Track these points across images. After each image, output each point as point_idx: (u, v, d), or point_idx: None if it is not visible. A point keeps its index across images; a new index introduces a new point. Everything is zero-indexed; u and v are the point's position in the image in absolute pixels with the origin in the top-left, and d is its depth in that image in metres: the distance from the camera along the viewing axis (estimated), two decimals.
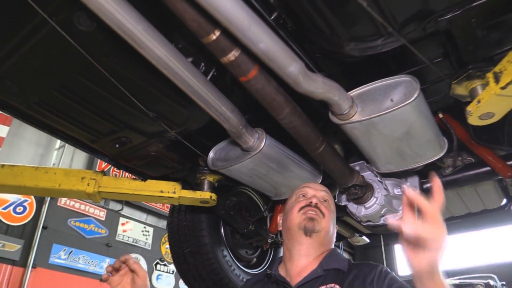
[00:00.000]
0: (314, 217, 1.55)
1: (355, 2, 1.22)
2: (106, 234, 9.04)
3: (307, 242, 1.51)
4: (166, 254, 10.22)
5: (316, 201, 1.61)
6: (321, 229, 1.53)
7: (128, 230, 9.61)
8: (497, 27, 1.35)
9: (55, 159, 8.84)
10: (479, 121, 1.48)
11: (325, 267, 1.42)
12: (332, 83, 1.52)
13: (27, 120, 1.83)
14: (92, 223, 8.89)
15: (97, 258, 8.72)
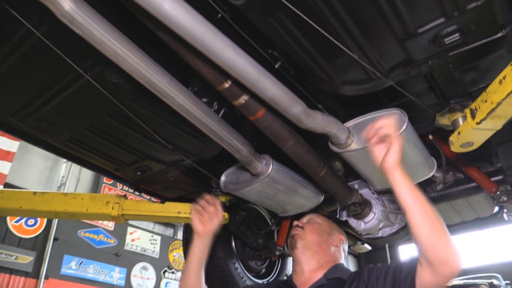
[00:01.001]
0: (295, 234, 1.88)
1: (347, 54, 1.43)
2: (115, 244, 9.25)
3: (297, 254, 1.80)
4: (174, 262, 10.42)
5: (297, 223, 1.93)
6: (304, 240, 1.82)
7: (136, 239, 9.82)
8: (471, 70, 1.57)
9: (64, 171, 9.05)
10: (460, 148, 1.69)
11: (328, 277, 1.65)
12: (330, 118, 1.73)
13: (59, 153, 2.05)
14: (102, 233, 9.09)
15: (107, 267, 8.93)
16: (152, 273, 9.77)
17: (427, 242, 1.28)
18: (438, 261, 1.27)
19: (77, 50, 1.49)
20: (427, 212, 1.31)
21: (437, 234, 1.28)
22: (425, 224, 1.29)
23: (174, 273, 10.27)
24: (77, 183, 9.20)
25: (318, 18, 1.29)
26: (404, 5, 1.25)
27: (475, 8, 1.27)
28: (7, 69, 1.56)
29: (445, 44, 1.38)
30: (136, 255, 9.60)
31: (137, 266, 9.49)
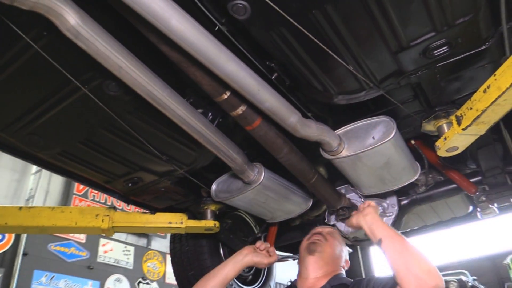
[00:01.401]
0: (316, 241, 1.94)
1: (343, 66, 1.49)
2: (87, 257, 9.03)
3: (311, 260, 1.86)
4: (148, 273, 10.26)
5: (321, 230, 2.00)
6: (322, 251, 1.89)
7: (109, 250, 9.62)
8: (455, 79, 1.67)
9: (32, 183, 8.78)
10: (446, 153, 1.78)
11: (332, 284, 1.72)
12: (323, 127, 1.79)
13: (47, 167, 2.01)
14: (73, 246, 8.86)
15: (79, 281, 8.70)
16: (126, 284, 9.59)
17: (400, 262, 1.44)
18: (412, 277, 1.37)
19: (75, 64, 1.49)
20: (397, 237, 1.54)
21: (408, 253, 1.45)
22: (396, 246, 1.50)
23: (149, 283, 10.11)
24: (46, 195, 8.93)
25: (318, 33, 1.34)
26: (399, 20, 1.32)
27: (462, 23, 1.36)
28: (1, 82, 1.53)
29: (434, 56, 1.47)
30: (109, 267, 9.40)
31: (111, 278, 9.29)
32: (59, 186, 9.25)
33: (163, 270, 10.77)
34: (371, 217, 1.67)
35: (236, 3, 1.26)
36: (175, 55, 1.39)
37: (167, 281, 10.76)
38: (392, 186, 2.18)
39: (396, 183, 2.15)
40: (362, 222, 1.68)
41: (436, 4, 1.28)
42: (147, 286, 10.06)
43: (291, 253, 3.23)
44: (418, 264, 1.39)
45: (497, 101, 1.42)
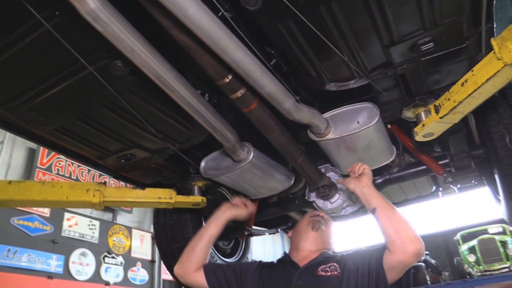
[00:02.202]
0: (321, 220, 2.09)
1: (338, 55, 1.62)
2: (51, 231, 8.87)
3: (313, 235, 2.00)
4: (114, 247, 10.24)
5: (323, 214, 2.16)
6: (324, 230, 2.04)
7: (74, 225, 9.48)
8: (436, 72, 1.84)
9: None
10: (423, 138, 1.97)
11: (324, 256, 1.87)
12: (314, 111, 1.92)
13: (41, 142, 2.03)
14: (36, 220, 8.67)
15: (43, 255, 8.55)
16: (92, 259, 9.53)
17: (390, 227, 1.63)
18: (399, 241, 1.59)
19: (83, 44, 1.52)
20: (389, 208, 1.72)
21: (398, 221, 1.65)
22: (388, 215, 1.68)
23: (115, 257, 10.10)
24: (7, 168, 8.65)
25: (321, 26, 1.45)
26: (394, 18, 1.45)
27: (448, 23, 1.51)
28: (5, 59, 1.54)
29: (421, 51, 1.62)
30: (74, 241, 9.29)
31: (76, 253, 9.20)
32: (22, 159, 8.96)
33: (128, 245, 10.77)
34: (367, 188, 1.82)
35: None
36: (185, 39, 1.46)
37: (132, 255, 10.79)
38: (370, 167, 2.35)
39: (374, 164, 2.34)
40: (358, 191, 1.84)
41: (428, 5, 1.42)
42: (112, 260, 10.06)
43: (268, 228, 3.40)
44: (405, 231, 1.60)
45: (472, 94, 1.60)
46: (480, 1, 1.44)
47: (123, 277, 10.20)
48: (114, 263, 10.13)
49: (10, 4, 1.33)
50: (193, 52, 1.52)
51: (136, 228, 11.27)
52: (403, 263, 1.62)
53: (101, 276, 9.67)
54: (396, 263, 1.62)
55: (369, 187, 1.83)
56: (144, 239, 11.38)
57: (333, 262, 1.79)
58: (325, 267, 1.78)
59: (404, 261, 1.60)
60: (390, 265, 1.64)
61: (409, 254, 1.58)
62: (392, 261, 1.62)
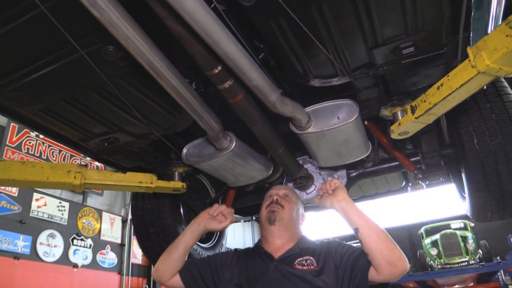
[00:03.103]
0: (275, 209, 2.03)
1: (324, 54, 1.69)
2: (19, 211, 8.70)
3: (274, 229, 1.98)
4: (83, 229, 10.14)
5: (277, 197, 2.08)
6: (282, 217, 2.01)
7: (43, 205, 9.33)
8: (414, 75, 1.95)
9: None
10: (398, 136, 2.08)
11: (300, 246, 1.90)
12: (297, 105, 1.99)
13: (24, 122, 2.03)
14: (4, 200, 8.49)
15: (10, 235, 8.40)
16: (60, 240, 9.43)
17: (376, 250, 1.64)
18: (387, 263, 1.62)
19: (76, 27, 1.54)
20: (373, 227, 1.70)
21: (383, 242, 1.65)
22: (373, 235, 1.67)
23: (84, 240, 10.02)
24: None
25: (311, 25, 1.52)
26: (380, 22, 1.53)
27: (429, 30, 1.60)
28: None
29: (402, 54, 1.71)
30: (43, 222, 9.15)
31: (44, 234, 9.08)
32: None
33: (98, 227, 10.69)
34: (346, 203, 1.78)
35: None
36: (179, 29, 1.50)
37: (102, 238, 10.72)
38: (346, 161, 2.47)
39: (350, 158, 2.44)
40: (337, 206, 1.80)
41: (412, 13, 1.50)
42: (81, 242, 9.97)
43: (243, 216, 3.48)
44: (391, 253, 1.61)
45: (447, 97, 1.71)
46: (459, 12, 1.53)
47: (91, 259, 10.15)
48: (83, 245, 10.06)
49: None
50: (186, 42, 1.56)
51: (107, 211, 11.19)
52: (388, 281, 1.67)
53: (69, 258, 9.60)
54: (381, 281, 1.67)
55: (347, 201, 1.80)
56: (114, 222, 11.32)
57: (309, 255, 1.82)
58: (302, 260, 1.80)
59: (389, 280, 1.65)
60: (374, 280, 1.68)
61: (396, 275, 1.62)
62: (377, 279, 1.67)
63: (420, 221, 14.69)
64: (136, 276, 11.46)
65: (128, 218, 11.18)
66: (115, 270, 10.86)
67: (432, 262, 11.14)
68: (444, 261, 10.73)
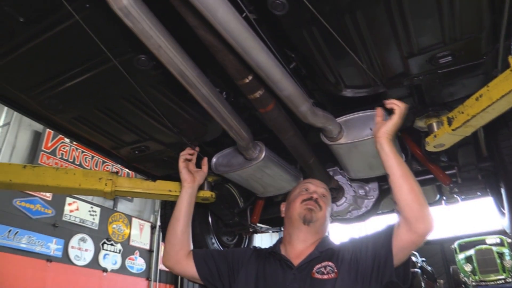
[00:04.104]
0: (313, 208, 1.83)
1: (357, 63, 1.65)
2: (52, 214, 8.97)
3: (305, 230, 1.81)
4: (114, 234, 10.33)
5: (317, 196, 1.88)
6: (317, 219, 1.84)
7: (75, 210, 9.58)
8: (451, 85, 1.88)
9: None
10: (434, 148, 2.01)
11: (320, 250, 1.76)
12: (328, 115, 1.96)
13: (58, 129, 2.08)
14: (38, 203, 8.76)
15: (43, 238, 8.66)
16: (91, 244, 9.64)
17: (406, 201, 1.53)
18: (414, 219, 1.51)
19: (110, 37, 1.56)
20: (407, 176, 1.59)
21: (415, 195, 1.54)
22: (405, 186, 1.56)
23: (113, 245, 10.20)
24: (12, 150, 8.73)
25: (343, 33, 1.49)
26: (416, 30, 1.49)
27: (468, 38, 1.54)
28: (33, 47, 1.58)
29: (439, 64, 1.66)
30: (75, 226, 9.40)
31: (75, 238, 9.31)
32: (27, 142, 9.05)
33: (127, 233, 10.87)
34: (389, 140, 1.67)
35: None
36: (210, 39, 1.50)
37: (131, 244, 10.88)
38: (378, 173, 2.40)
39: (382, 170, 2.34)
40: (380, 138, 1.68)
41: (450, 21, 1.45)
42: (111, 247, 10.15)
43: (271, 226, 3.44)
44: (420, 208, 1.52)
45: (486, 109, 1.64)
46: (500, 20, 1.47)
47: (120, 264, 10.31)
48: (112, 250, 10.24)
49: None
50: (217, 51, 1.56)
51: (136, 217, 11.37)
52: (415, 243, 1.54)
53: (99, 262, 9.79)
54: (408, 243, 1.54)
55: (391, 140, 1.67)
56: (143, 228, 11.48)
57: (329, 260, 1.70)
58: (321, 267, 1.68)
59: (416, 240, 1.53)
60: (399, 246, 1.56)
61: (421, 233, 1.51)
62: (404, 241, 1.55)
63: (454, 235, 14.21)
64: (164, 282, 11.57)
65: (157, 225, 11.33)
66: (143, 276, 10.99)
67: (466, 278, 10.73)
68: (479, 278, 10.31)
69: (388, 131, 1.67)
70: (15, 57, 1.62)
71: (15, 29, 1.50)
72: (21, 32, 1.52)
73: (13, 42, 1.56)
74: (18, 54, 1.60)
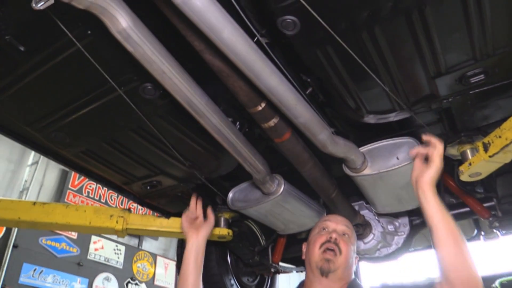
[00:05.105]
0: (330, 258, 1.65)
1: (379, 86, 1.52)
2: (77, 253, 8.90)
3: (325, 281, 1.64)
4: (138, 273, 10.16)
5: (336, 236, 1.69)
6: (337, 268, 1.65)
7: (100, 248, 9.50)
8: (485, 107, 1.70)
9: (27, 175, 8.69)
10: (469, 178, 1.81)
11: None
12: (350, 144, 1.81)
13: (67, 164, 2.01)
14: (64, 242, 8.74)
15: (67, 277, 8.57)
16: (115, 284, 9.47)
17: (453, 265, 1.30)
18: (460, 282, 1.28)
19: (114, 65, 1.49)
20: (455, 233, 1.34)
21: (463, 257, 1.30)
22: (452, 246, 1.32)
23: (138, 284, 10.00)
24: (40, 188, 8.84)
25: (362, 52, 1.36)
26: (442, 47, 1.35)
27: (502, 53, 1.39)
28: (36, 77, 1.53)
29: (470, 83, 1.50)
30: (99, 265, 9.28)
31: (100, 277, 9.17)
32: (54, 180, 9.16)
33: (152, 272, 10.67)
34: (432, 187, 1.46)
35: (286, 18, 1.28)
36: (218, 64, 1.41)
37: (156, 283, 10.65)
38: (408, 206, 2.20)
39: (412, 204, 2.17)
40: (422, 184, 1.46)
41: (480, 34, 1.30)
42: (135, 287, 9.96)
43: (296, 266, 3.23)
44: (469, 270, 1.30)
45: None
46: None
47: None
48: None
49: (42, 22, 1.31)
50: (226, 77, 1.46)
51: (161, 256, 11.18)
52: None
53: None
54: None
55: (433, 190, 1.45)
56: (168, 267, 11.26)
57: None
58: None
59: None
60: None
61: None
62: None
63: (494, 273, 13.34)
64: None
65: None
66: None
67: None
68: None
69: (432, 178, 1.46)
70: (19, 89, 1.57)
71: (17, 59, 1.45)
72: (23, 62, 1.47)
73: (17, 72, 1.51)
74: (22, 85, 1.56)
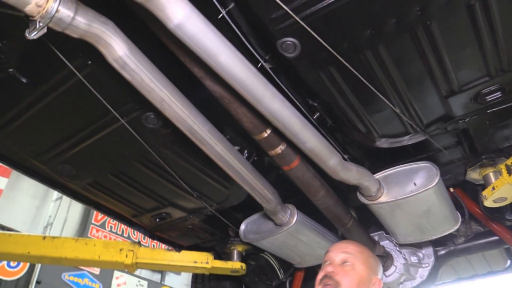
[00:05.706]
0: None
1: (389, 108, 1.44)
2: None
3: None
4: None
5: (332, 269, 1.56)
6: None
7: (122, 284, 9.42)
8: (505, 126, 1.60)
9: (52, 211, 8.80)
10: (493, 203, 1.69)
11: None
12: (364, 170, 1.72)
13: (76, 197, 1.98)
14: (87, 277, 8.71)
15: None
16: None
17: None
18: None
19: (115, 94, 1.47)
20: None
21: None
22: None
23: None
24: (64, 223, 8.92)
25: (367, 73, 1.30)
26: (452, 64, 1.28)
27: None
28: (39, 109, 1.52)
29: (486, 102, 1.41)
30: None
31: None
32: (78, 215, 9.23)
33: None
34: None
35: (286, 40, 1.24)
36: (219, 90, 1.37)
37: None
38: (431, 236, 2.07)
39: (435, 233, 2.04)
40: None
41: (493, 49, 1.23)
42: None
43: None
44: None
45: None
46: None
47: None
48: None
49: (43, 54, 1.31)
50: (228, 103, 1.42)
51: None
52: None
53: None
54: None
55: None
56: None
57: None
58: None
59: None
60: None
61: None
62: None
63: None
64: None
65: None
66: None
67: None
68: None
69: None
70: (24, 121, 1.57)
71: (21, 91, 1.45)
72: (26, 95, 1.47)
73: (21, 105, 1.51)
74: (27, 118, 1.55)
